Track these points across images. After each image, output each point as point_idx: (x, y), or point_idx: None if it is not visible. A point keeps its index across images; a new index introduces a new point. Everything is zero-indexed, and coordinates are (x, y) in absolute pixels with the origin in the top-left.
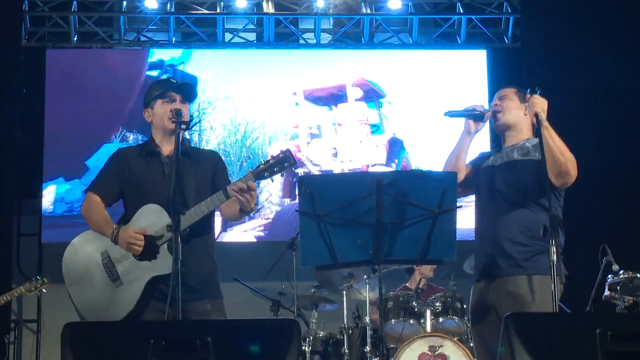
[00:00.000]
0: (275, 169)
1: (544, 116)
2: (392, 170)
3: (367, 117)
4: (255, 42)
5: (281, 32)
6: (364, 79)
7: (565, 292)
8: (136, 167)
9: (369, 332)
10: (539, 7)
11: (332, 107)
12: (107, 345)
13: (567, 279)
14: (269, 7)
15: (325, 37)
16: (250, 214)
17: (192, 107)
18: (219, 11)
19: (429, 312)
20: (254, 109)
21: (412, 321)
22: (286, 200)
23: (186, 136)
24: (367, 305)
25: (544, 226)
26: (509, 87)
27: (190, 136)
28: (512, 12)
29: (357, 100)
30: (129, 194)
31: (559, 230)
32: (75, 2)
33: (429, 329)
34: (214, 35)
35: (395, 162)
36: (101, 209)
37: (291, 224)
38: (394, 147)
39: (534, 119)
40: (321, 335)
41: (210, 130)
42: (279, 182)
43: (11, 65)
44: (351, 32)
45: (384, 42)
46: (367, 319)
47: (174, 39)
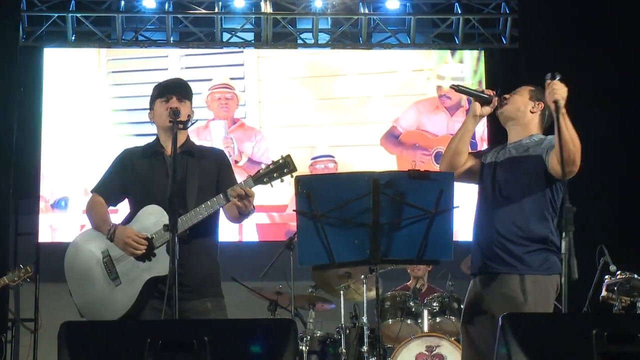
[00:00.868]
0: (274, 175)
1: (562, 103)
2: (389, 170)
3: None
4: (253, 41)
5: (279, 32)
6: None
7: (561, 293)
8: (140, 167)
9: (366, 332)
10: (536, 7)
11: None
12: (104, 344)
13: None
14: (267, 7)
15: (323, 37)
16: (248, 217)
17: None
18: (217, 11)
19: (426, 312)
20: None
21: (409, 321)
22: None
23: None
24: (365, 304)
25: (558, 218)
26: (527, 85)
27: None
28: (510, 13)
29: None
30: (133, 194)
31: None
32: (73, 2)
33: (426, 329)
34: (211, 35)
35: None
36: (102, 209)
37: None
38: None
39: (552, 105)
40: (318, 335)
41: None
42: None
43: (8, 64)
44: (349, 32)
45: (381, 42)
46: (365, 319)
47: (172, 39)
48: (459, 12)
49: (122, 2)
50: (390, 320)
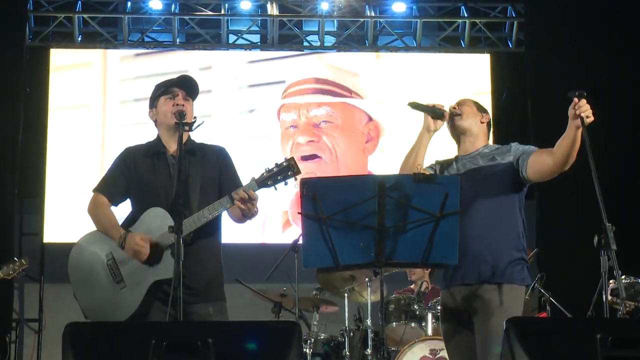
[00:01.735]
0: (278, 178)
1: (588, 122)
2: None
3: None
4: (259, 43)
5: (285, 34)
6: None
7: (566, 297)
8: (142, 167)
9: (370, 335)
10: (543, 11)
11: None
12: (108, 345)
13: (569, 283)
14: (273, 9)
15: (329, 40)
16: (252, 218)
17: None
18: (223, 13)
19: (430, 315)
20: None
21: (413, 324)
22: None
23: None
24: (369, 307)
25: (597, 235)
26: (467, 98)
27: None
28: (517, 17)
29: None
30: (135, 194)
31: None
32: (79, 3)
33: (430, 332)
34: (218, 36)
35: None
36: (108, 211)
37: None
38: None
39: (577, 121)
40: (322, 337)
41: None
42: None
43: (15, 64)
44: (355, 35)
45: (387, 45)
46: (369, 322)
47: (178, 40)
48: (466, 15)
49: (129, 3)
50: (394, 323)
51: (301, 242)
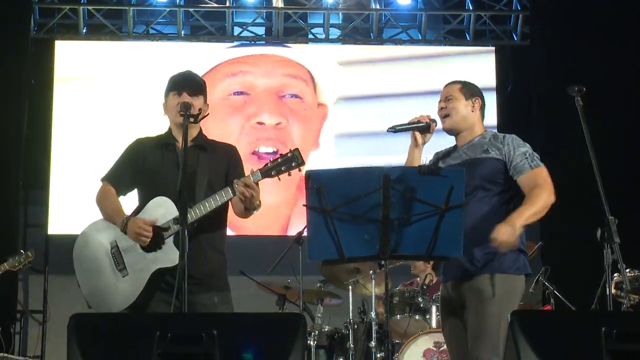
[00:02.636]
0: (282, 168)
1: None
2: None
3: None
4: (264, 36)
5: (290, 26)
6: None
7: (570, 290)
8: (151, 158)
9: (375, 327)
10: (548, 4)
11: None
12: (113, 336)
13: (573, 276)
14: (278, 2)
15: (334, 32)
16: (254, 211)
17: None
18: (228, 5)
19: (434, 308)
20: None
21: (417, 317)
22: None
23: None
24: (373, 300)
25: (600, 229)
26: (453, 83)
27: None
28: (522, 10)
29: None
30: (142, 185)
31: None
32: None
33: (434, 324)
34: (222, 29)
35: None
36: (114, 199)
37: None
38: None
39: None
40: (326, 329)
41: None
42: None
43: (20, 56)
44: (360, 28)
45: (392, 38)
46: (373, 314)
47: (183, 33)
48: (471, 8)
49: None
50: (398, 315)
51: (306, 234)
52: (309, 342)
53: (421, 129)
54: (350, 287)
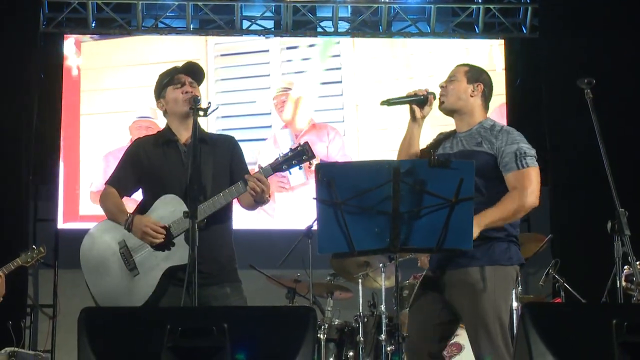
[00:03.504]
0: (293, 162)
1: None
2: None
3: None
4: (273, 29)
5: (299, 20)
6: None
7: (581, 283)
8: (153, 157)
9: (384, 321)
10: None
11: None
12: (123, 330)
13: (583, 268)
14: None
15: (343, 25)
16: (263, 205)
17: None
18: None
19: None
20: None
21: None
22: None
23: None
24: (383, 293)
25: (610, 221)
26: (462, 66)
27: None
28: (531, 2)
29: None
30: (147, 184)
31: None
32: None
33: None
34: (231, 22)
35: None
36: (117, 199)
37: None
38: None
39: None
40: (336, 323)
41: None
42: None
43: (29, 50)
44: (369, 21)
45: (401, 31)
46: (383, 307)
47: (192, 26)
48: (480, 1)
49: None
50: (408, 308)
51: (315, 227)
52: (319, 335)
53: (419, 102)
54: (360, 280)
